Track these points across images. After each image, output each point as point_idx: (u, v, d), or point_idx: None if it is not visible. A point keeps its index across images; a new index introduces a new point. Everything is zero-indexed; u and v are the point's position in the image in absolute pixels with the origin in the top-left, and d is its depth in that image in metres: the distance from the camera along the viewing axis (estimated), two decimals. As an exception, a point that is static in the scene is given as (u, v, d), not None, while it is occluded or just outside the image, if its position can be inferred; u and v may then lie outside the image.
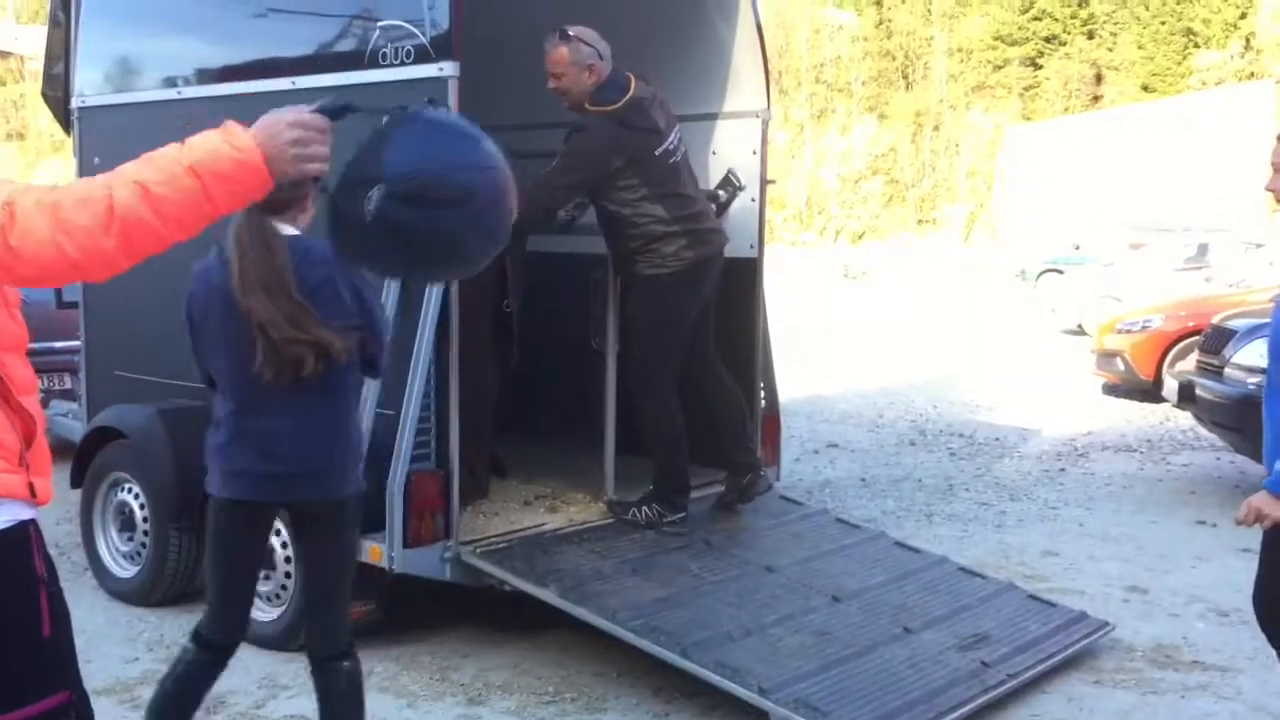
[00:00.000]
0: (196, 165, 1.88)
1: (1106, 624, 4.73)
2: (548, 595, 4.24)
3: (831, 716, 3.65)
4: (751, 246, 5.38)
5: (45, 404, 3.06)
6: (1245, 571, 5.69)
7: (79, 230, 1.83)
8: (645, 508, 4.90)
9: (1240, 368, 6.96)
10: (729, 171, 5.34)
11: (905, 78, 48.17)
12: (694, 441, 4.97)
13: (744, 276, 5.36)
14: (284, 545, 4.54)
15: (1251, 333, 7.05)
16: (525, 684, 4.27)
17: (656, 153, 4.71)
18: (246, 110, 5.07)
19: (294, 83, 4.68)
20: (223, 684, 4.21)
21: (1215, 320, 7.86)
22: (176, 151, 1.90)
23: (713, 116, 5.52)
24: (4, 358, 2.02)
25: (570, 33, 4.68)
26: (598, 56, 4.69)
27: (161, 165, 1.89)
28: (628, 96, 4.67)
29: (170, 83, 5.22)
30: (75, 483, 5.33)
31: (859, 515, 6.36)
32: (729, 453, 5.15)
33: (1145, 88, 44.25)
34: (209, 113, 4.98)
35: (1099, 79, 46.25)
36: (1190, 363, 8.16)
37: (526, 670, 4.39)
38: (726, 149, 5.41)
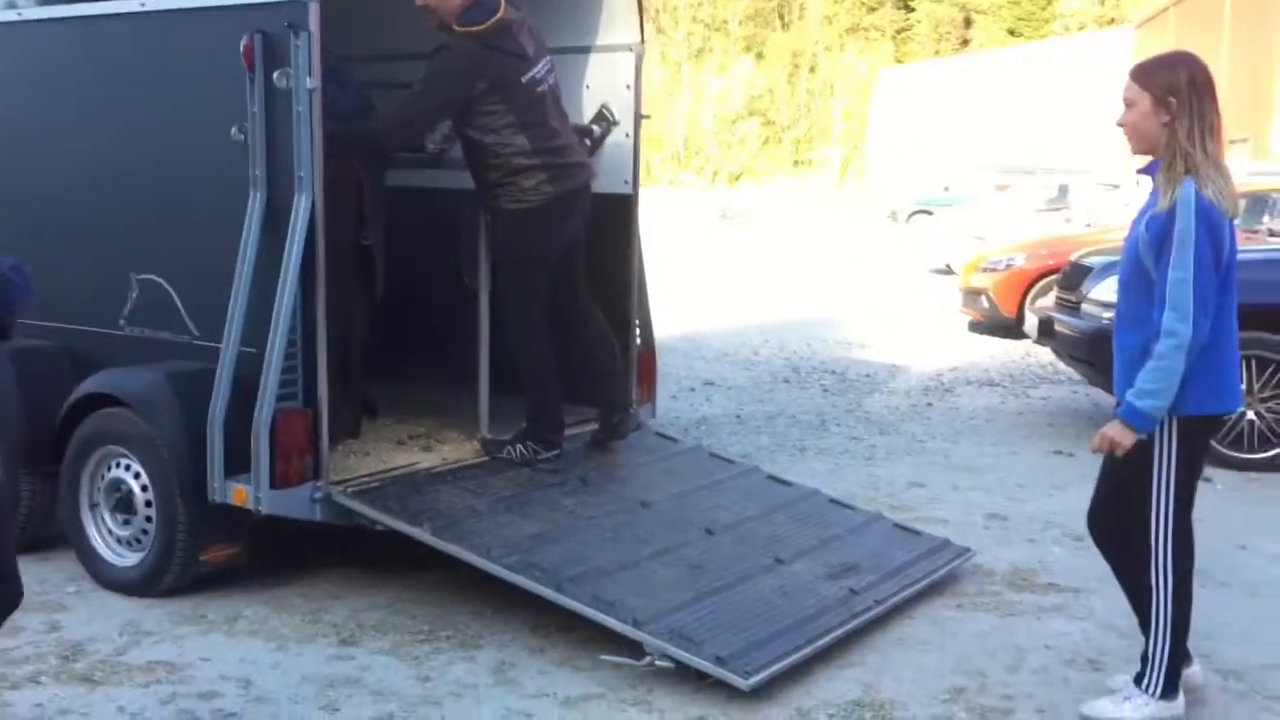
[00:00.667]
0: None
1: (968, 550, 4.90)
2: (421, 534, 4.20)
3: (705, 646, 3.70)
4: (626, 182, 5.34)
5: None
6: (1098, 498, 5.96)
7: None
8: (519, 445, 4.87)
9: (1095, 303, 7.21)
10: (603, 106, 5.28)
11: (781, 18, 48.35)
12: (568, 379, 4.95)
13: (618, 213, 5.32)
14: (143, 489, 4.39)
15: (1106, 269, 7.31)
16: (399, 623, 4.23)
17: (523, 79, 4.62)
18: (95, 33, 4.85)
19: (143, 4, 4.45)
20: (82, 631, 4.10)
21: (1073, 258, 8.13)
22: None
23: (586, 50, 5.43)
24: None
25: None
26: None
27: None
28: (494, 18, 4.55)
29: (11, 4, 4.93)
30: None
31: (734, 451, 6.44)
32: (600, 391, 5.15)
33: (1011, 32, 45.29)
34: (55, 36, 4.76)
35: (968, 23, 47.14)
36: (1050, 300, 8.44)
37: (400, 610, 4.35)
38: (600, 83, 5.34)
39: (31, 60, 4.88)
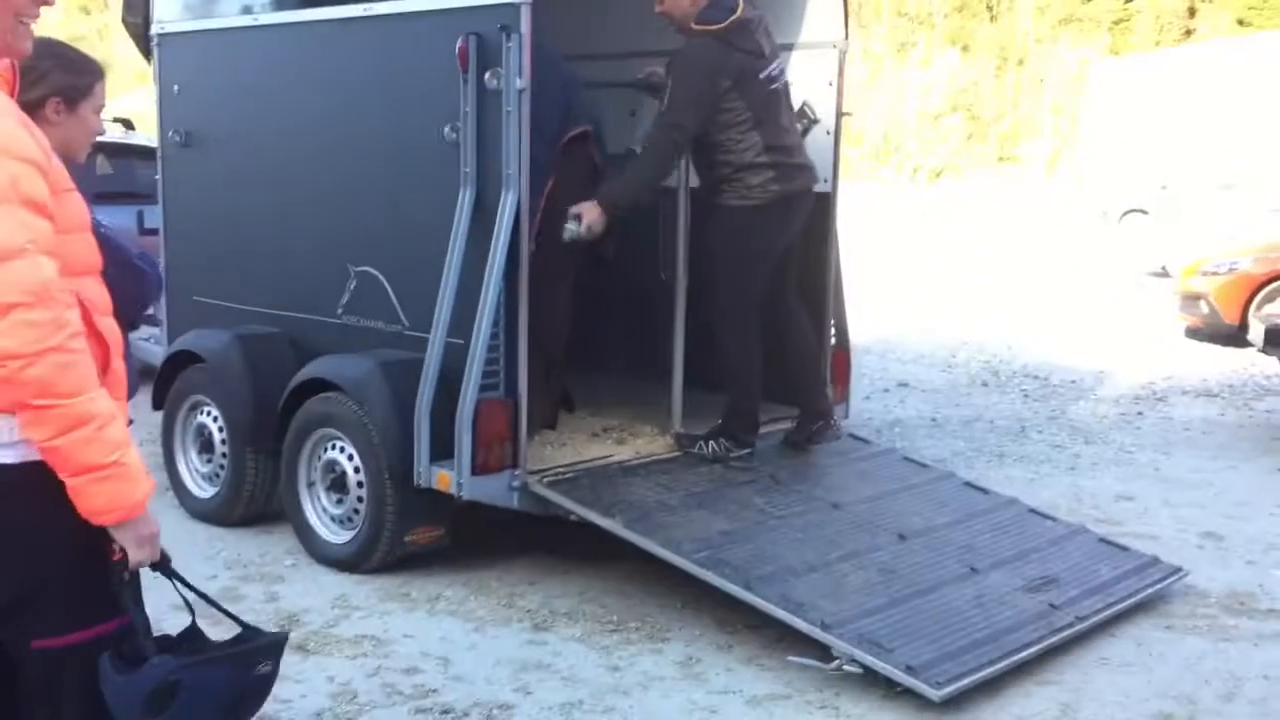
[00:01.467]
0: (109, 468, 1.96)
1: (1180, 569, 4.65)
2: (613, 526, 4.28)
3: (895, 653, 3.65)
4: (826, 181, 5.30)
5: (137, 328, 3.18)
6: (1327, 520, 5.56)
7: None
8: (713, 442, 4.90)
9: (1331, 312, 6.73)
10: (804, 103, 5.25)
11: (990, 10, 46.82)
12: (766, 378, 4.95)
13: (818, 211, 5.27)
14: (356, 470, 4.63)
15: (1345, 276, 6.82)
16: (590, 612, 4.32)
17: (760, 76, 4.67)
18: (322, 36, 5.13)
19: (368, 9, 4.67)
20: (298, 603, 4.36)
21: (1307, 263, 7.60)
22: (120, 450, 1.97)
23: (789, 47, 5.40)
24: (82, 281, 2.07)
25: None
26: None
27: (104, 436, 1.95)
28: (733, 16, 4.61)
29: (247, 9, 5.25)
30: (157, 405, 5.47)
31: (928, 455, 6.30)
32: (803, 396, 5.14)
33: (1240, 21, 42.54)
34: (285, 40, 5.06)
35: (1192, 12, 44.55)
36: (1278, 306, 7.91)
37: (592, 599, 4.44)
38: (803, 80, 5.30)
39: (262, 63, 5.20)
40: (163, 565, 2.20)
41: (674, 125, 4.62)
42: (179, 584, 2.30)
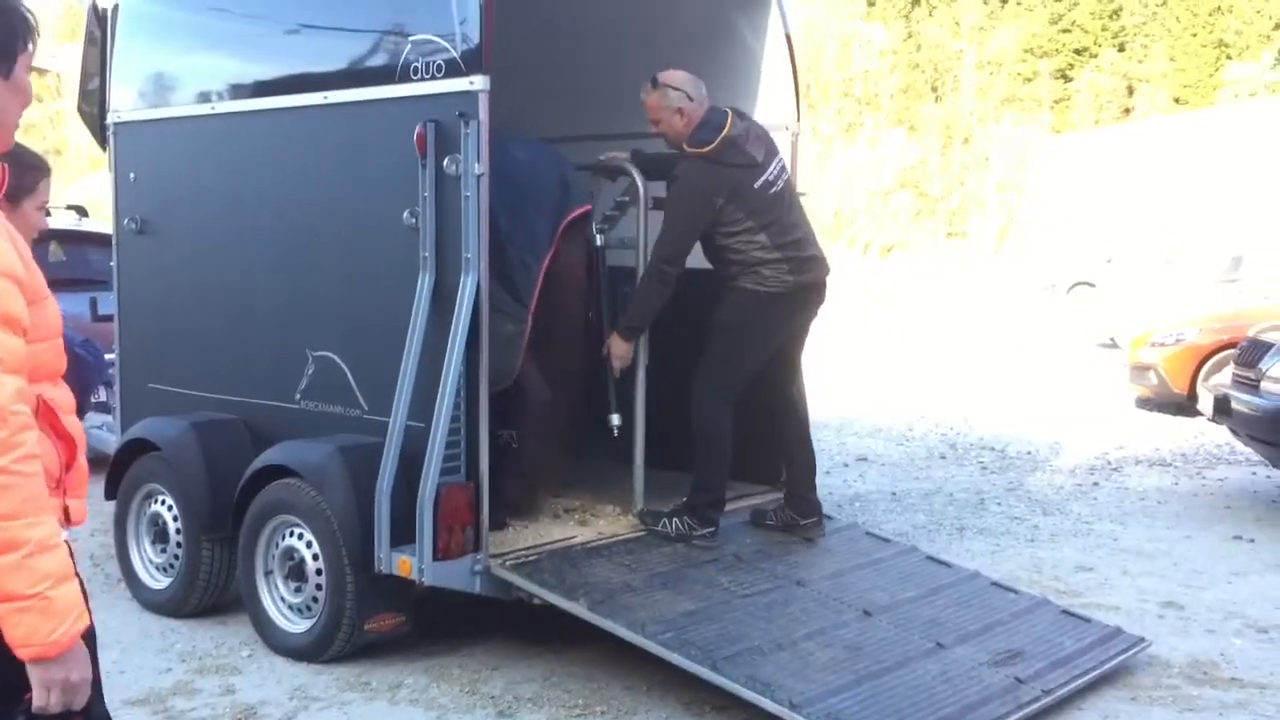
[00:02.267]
0: (30, 599, 1.87)
1: (1142, 640, 4.67)
2: (577, 608, 4.24)
3: (863, 732, 3.62)
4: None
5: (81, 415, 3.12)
6: (1284, 587, 5.62)
7: None
8: (676, 520, 4.89)
9: (1277, 381, 6.87)
10: None
11: (934, 90, 48.03)
12: (743, 458, 4.98)
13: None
14: (314, 557, 4.56)
15: (1288, 346, 6.97)
16: (555, 697, 4.26)
17: (755, 185, 4.78)
18: (280, 125, 5.17)
19: (325, 97, 4.72)
20: (255, 695, 4.26)
21: (1251, 333, 7.78)
22: (48, 582, 1.88)
23: (742, 129, 5.51)
24: (43, 386, 2.05)
25: (659, 79, 4.83)
26: (687, 99, 4.79)
27: (31, 565, 1.87)
28: (721, 135, 4.73)
29: (204, 98, 5.28)
30: (109, 494, 5.38)
31: (890, 529, 6.31)
32: (793, 488, 5.21)
33: (1177, 100, 43.92)
34: (242, 128, 5.08)
35: (1130, 91, 45.94)
36: (1225, 376, 8.06)
37: (556, 683, 4.38)
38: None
39: (219, 151, 5.22)
40: (89, 716, 2.05)
41: (666, 260, 4.76)
42: None
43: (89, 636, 2.10)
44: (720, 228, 4.77)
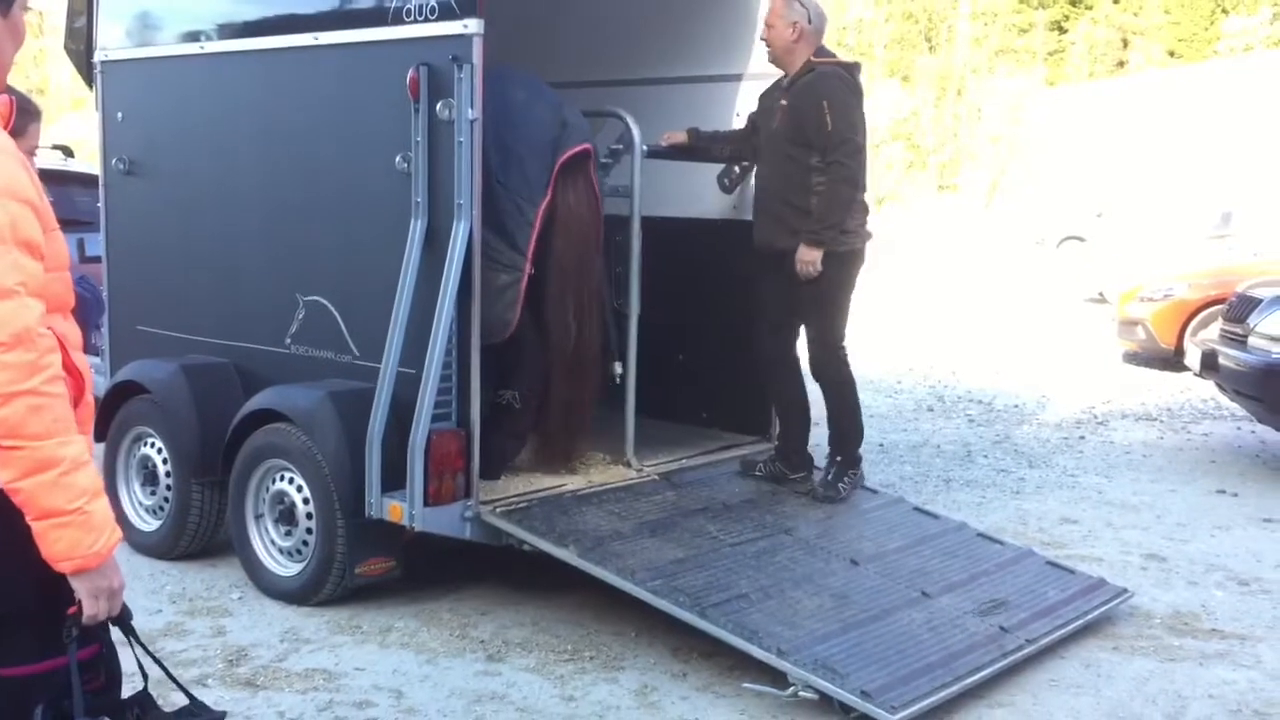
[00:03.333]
0: (70, 514, 1.93)
1: (1125, 590, 4.73)
2: (567, 555, 4.26)
3: (849, 678, 3.66)
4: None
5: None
6: (1266, 540, 5.69)
7: None
8: (844, 480, 5.12)
9: (1264, 336, 6.90)
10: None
11: (928, 40, 47.66)
12: (717, 406, 4.99)
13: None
14: (305, 501, 4.57)
15: (1276, 302, 6.99)
16: (544, 642, 4.30)
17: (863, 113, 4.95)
18: (270, 66, 5.09)
19: (316, 38, 4.66)
20: (246, 637, 4.29)
21: (1240, 289, 7.80)
22: (85, 497, 1.94)
23: (737, 78, 5.48)
24: (55, 317, 2.06)
25: None
26: (808, 20, 4.90)
27: (68, 482, 1.92)
28: (846, 59, 5.05)
29: (193, 38, 5.20)
30: (99, 437, 5.37)
31: (877, 481, 6.34)
32: (790, 444, 5.29)
33: (1171, 53, 43.67)
34: (232, 68, 5.02)
35: (1125, 44, 45.65)
36: (1213, 331, 8.09)
37: (545, 629, 4.42)
38: (750, 110, 5.35)
39: (209, 92, 5.15)
40: (121, 621, 2.16)
41: (850, 154, 4.81)
42: (135, 644, 2.26)
43: None
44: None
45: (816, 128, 4.78)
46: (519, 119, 4.55)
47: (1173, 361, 10.40)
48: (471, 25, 4.16)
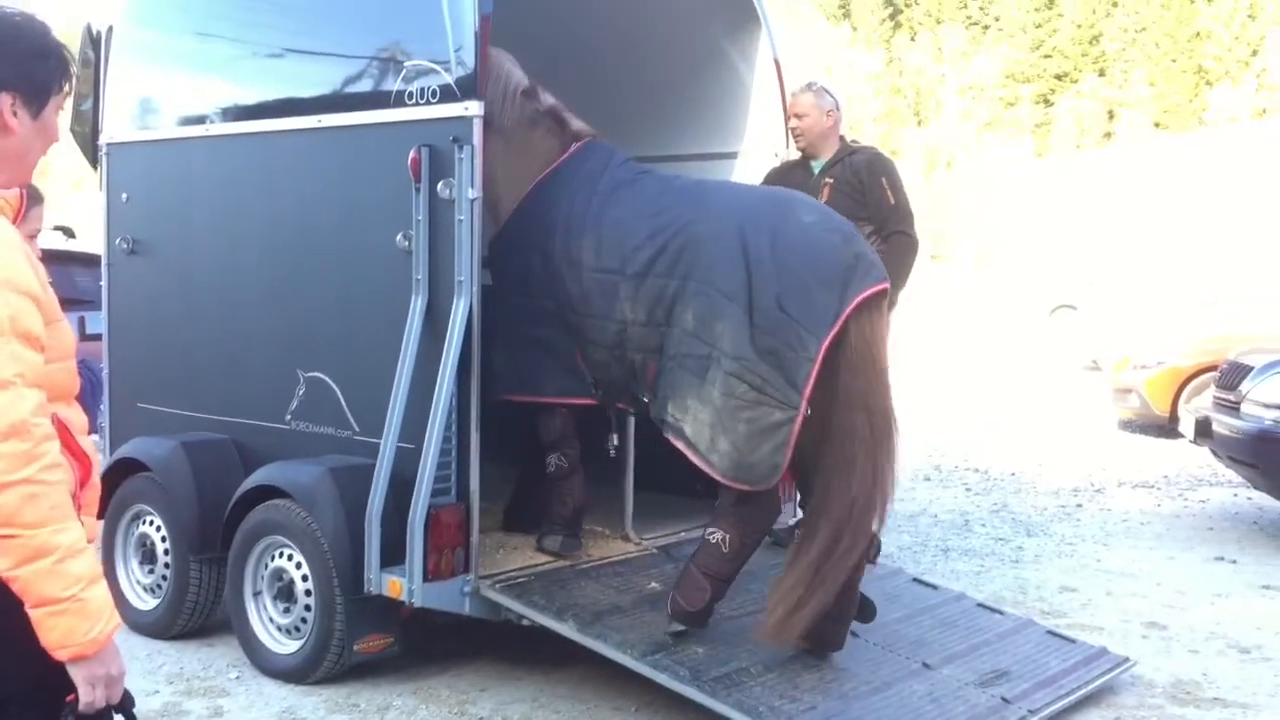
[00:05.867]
0: (65, 602, 1.93)
1: (1127, 659, 4.72)
2: (566, 629, 4.25)
3: (852, 752, 3.64)
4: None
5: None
6: (1265, 607, 5.68)
7: None
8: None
9: (1257, 403, 6.95)
10: None
11: (916, 115, 48.41)
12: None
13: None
14: (304, 578, 4.57)
15: (1269, 368, 7.05)
16: (543, 718, 4.27)
17: None
18: (273, 148, 5.18)
19: (320, 121, 4.75)
20: (243, 716, 4.26)
21: (1231, 356, 7.87)
22: (80, 584, 1.94)
23: (732, 155, 5.58)
24: (58, 405, 2.09)
25: (816, 84, 5.29)
26: (836, 106, 5.24)
27: (63, 570, 1.93)
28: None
29: (198, 120, 5.30)
30: (97, 515, 5.36)
31: (876, 551, 6.34)
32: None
33: (1157, 124, 44.36)
34: (236, 150, 5.11)
35: (1111, 116, 46.38)
36: (1206, 398, 8.15)
37: (544, 704, 4.39)
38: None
39: (212, 173, 5.24)
40: (123, 709, 2.14)
41: (913, 227, 5.13)
42: None
43: None
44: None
45: (878, 203, 5.07)
46: (805, 245, 4.08)
47: (1168, 429, 10.45)
48: (472, 108, 4.26)
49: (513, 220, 4.65)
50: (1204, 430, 7.49)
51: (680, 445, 4.13)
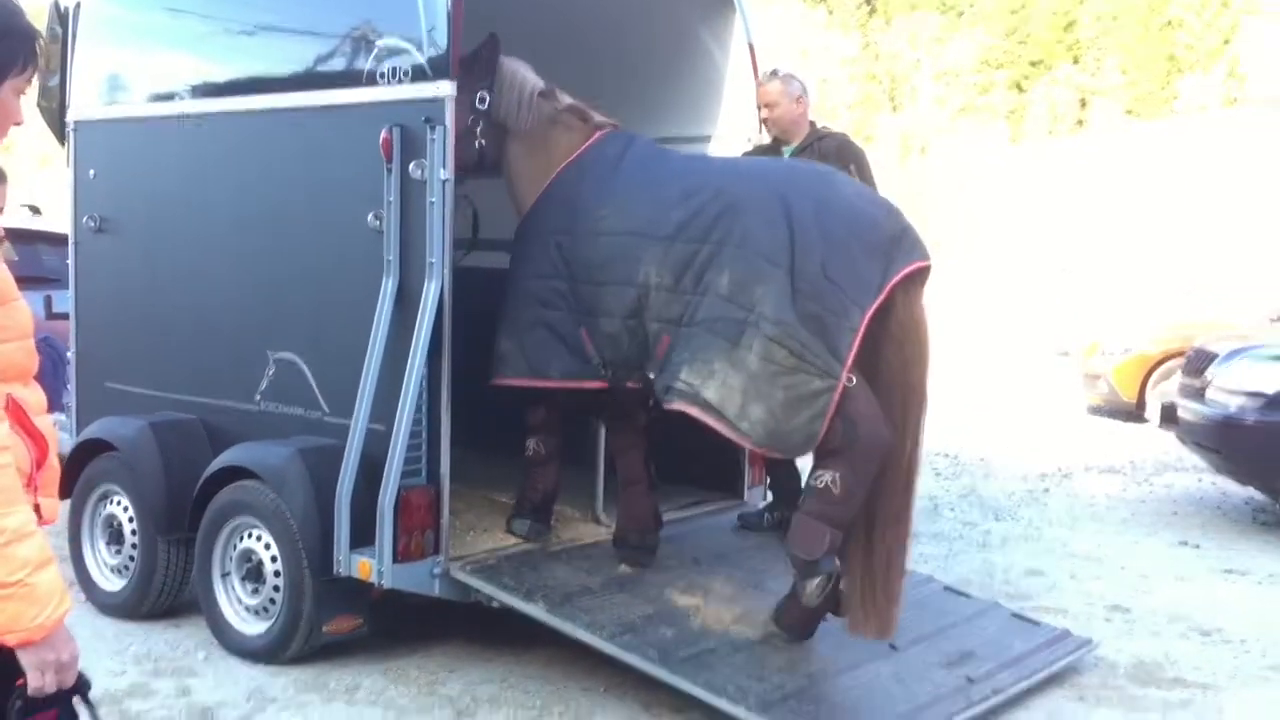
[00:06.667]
0: (11, 587, 1.89)
1: (1090, 641, 4.78)
2: (535, 610, 4.26)
3: (818, 732, 3.68)
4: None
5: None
6: (1226, 592, 5.76)
7: None
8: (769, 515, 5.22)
9: (1222, 389, 7.03)
10: None
11: (891, 100, 48.49)
12: (689, 463, 5.02)
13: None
14: (273, 559, 4.56)
15: (1233, 354, 7.13)
16: (513, 698, 4.28)
17: None
18: (243, 126, 5.13)
19: (290, 99, 4.72)
20: (212, 697, 4.25)
21: (1197, 343, 7.95)
22: (28, 569, 1.90)
23: (705, 139, 5.58)
24: (15, 386, 2.07)
25: (780, 71, 5.26)
26: (803, 90, 5.23)
27: (8, 553, 1.89)
28: None
29: (167, 98, 5.25)
30: (63, 494, 5.32)
31: (845, 534, 6.38)
32: (789, 498, 5.07)
33: (1129, 112, 44.63)
34: (205, 128, 5.06)
35: (1083, 104, 46.62)
36: (1173, 385, 8.24)
37: (514, 685, 4.41)
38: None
39: (181, 151, 5.19)
40: (77, 692, 2.08)
41: None
42: (92, 718, 2.19)
43: None
44: None
45: None
46: (850, 214, 4.05)
47: (1135, 415, 10.56)
48: (444, 88, 4.24)
49: (534, 208, 4.63)
50: (1170, 416, 7.58)
51: (694, 411, 4.01)
